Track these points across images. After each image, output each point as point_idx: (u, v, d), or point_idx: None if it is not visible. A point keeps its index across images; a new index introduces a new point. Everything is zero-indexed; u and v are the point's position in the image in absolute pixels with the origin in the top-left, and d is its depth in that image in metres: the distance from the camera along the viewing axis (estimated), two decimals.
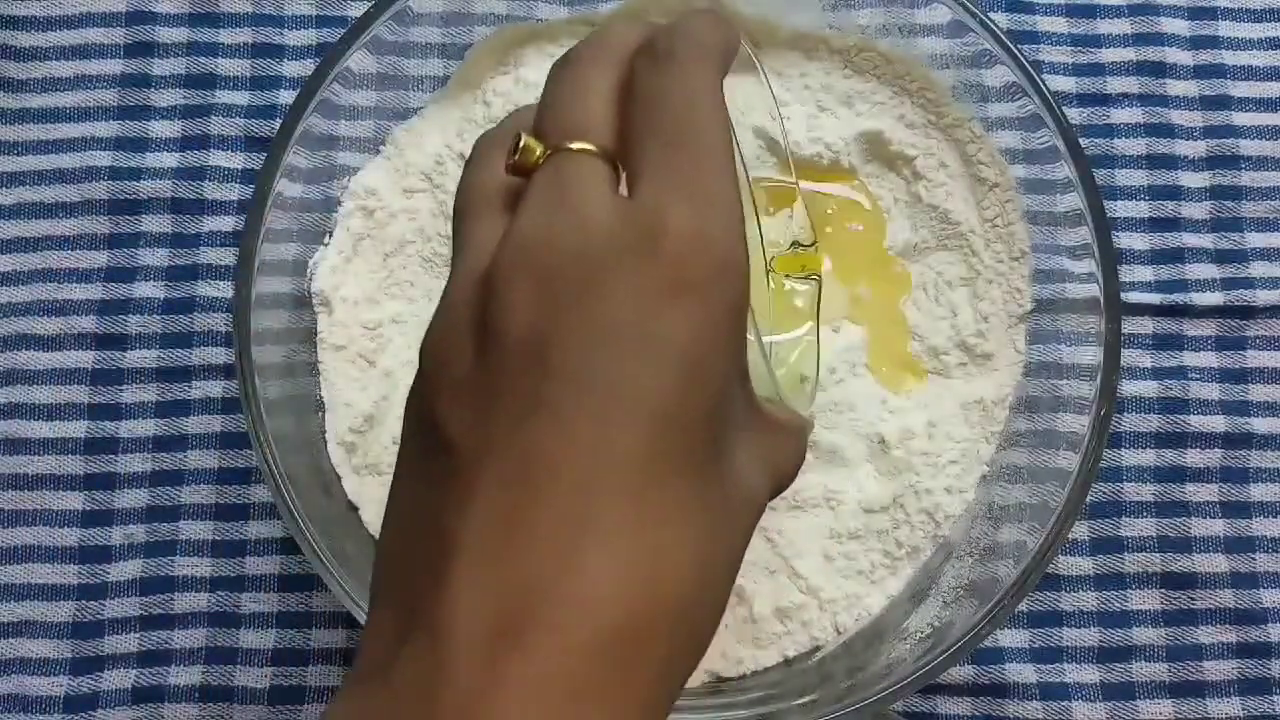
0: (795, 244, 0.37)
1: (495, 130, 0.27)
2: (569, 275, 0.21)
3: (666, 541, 0.21)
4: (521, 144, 0.24)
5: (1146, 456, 0.44)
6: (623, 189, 0.23)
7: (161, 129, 0.45)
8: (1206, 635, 0.43)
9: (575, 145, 0.23)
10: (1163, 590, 0.43)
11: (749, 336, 0.24)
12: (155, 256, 0.44)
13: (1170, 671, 0.42)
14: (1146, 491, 0.44)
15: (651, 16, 0.45)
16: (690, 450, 0.22)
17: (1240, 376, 0.45)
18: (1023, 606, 0.42)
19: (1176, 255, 0.46)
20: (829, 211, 0.44)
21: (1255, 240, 0.46)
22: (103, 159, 0.45)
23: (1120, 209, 0.46)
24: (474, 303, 0.22)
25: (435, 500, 0.22)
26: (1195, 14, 0.48)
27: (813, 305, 0.37)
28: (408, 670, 0.20)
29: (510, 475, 0.21)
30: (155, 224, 0.44)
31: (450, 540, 0.21)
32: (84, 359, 0.43)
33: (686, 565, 0.21)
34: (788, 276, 0.37)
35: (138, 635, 0.41)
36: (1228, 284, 0.45)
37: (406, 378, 0.40)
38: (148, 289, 0.44)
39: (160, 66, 0.46)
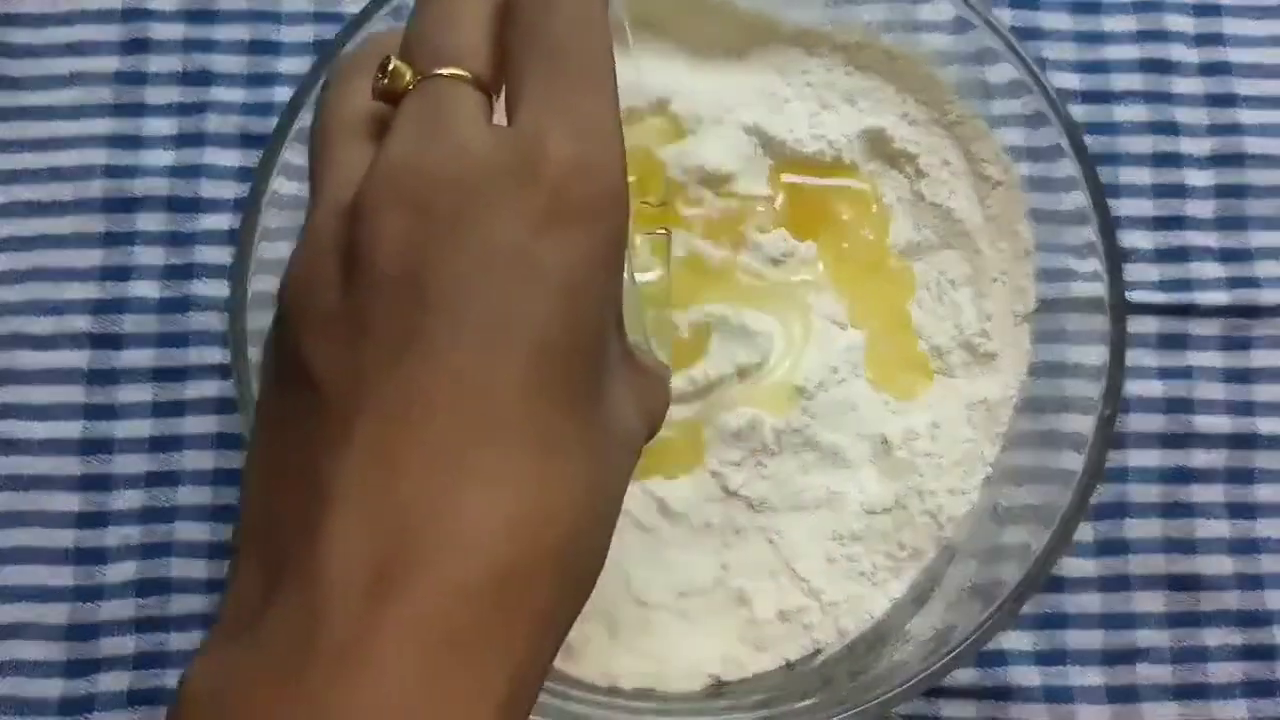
0: (643, 202, 0.36)
1: (357, 53, 0.25)
2: (443, 202, 0.21)
3: (550, 477, 0.20)
4: (391, 68, 0.22)
5: (1151, 457, 0.44)
6: (499, 119, 0.23)
7: (157, 126, 0.45)
8: (1212, 638, 0.42)
9: (448, 71, 0.22)
10: (1167, 592, 0.43)
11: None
12: (151, 255, 0.44)
13: (1175, 674, 0.42)
14: (1151, 493, 0.43)
15: (651, 13, 0.44)
16: (572, 383, 0.21)
17: (1245, 376, 0.45)
18: (1027, 609, 0.42)
19: (1182, 254, 0.46)
20: (843, 218, 0.43)
21: (1261, 239, 0.46)
22: (98, 157, 0.44)
23: (1125, 207, 0.46)
24: (339, 233, 0.22)
25: (304, 443, 0.21)
26: (1200, 11, 0.48)
27: (664, 258, 0.36)
28: (279, 620, 0.19)
29: (386, 412, 0.20)
30: (151, 222, 0.44)
31: (323, 483, 0.20)
32: (79, 359, 0.43)
33: (570, 502, 0.21)
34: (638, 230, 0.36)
35: (134, 637, 0.41)
36: (1233, 283, 0.45)
37: None
38: (143, 288, 0.44)
39: (156, 64, 0.45)
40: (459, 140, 0.21)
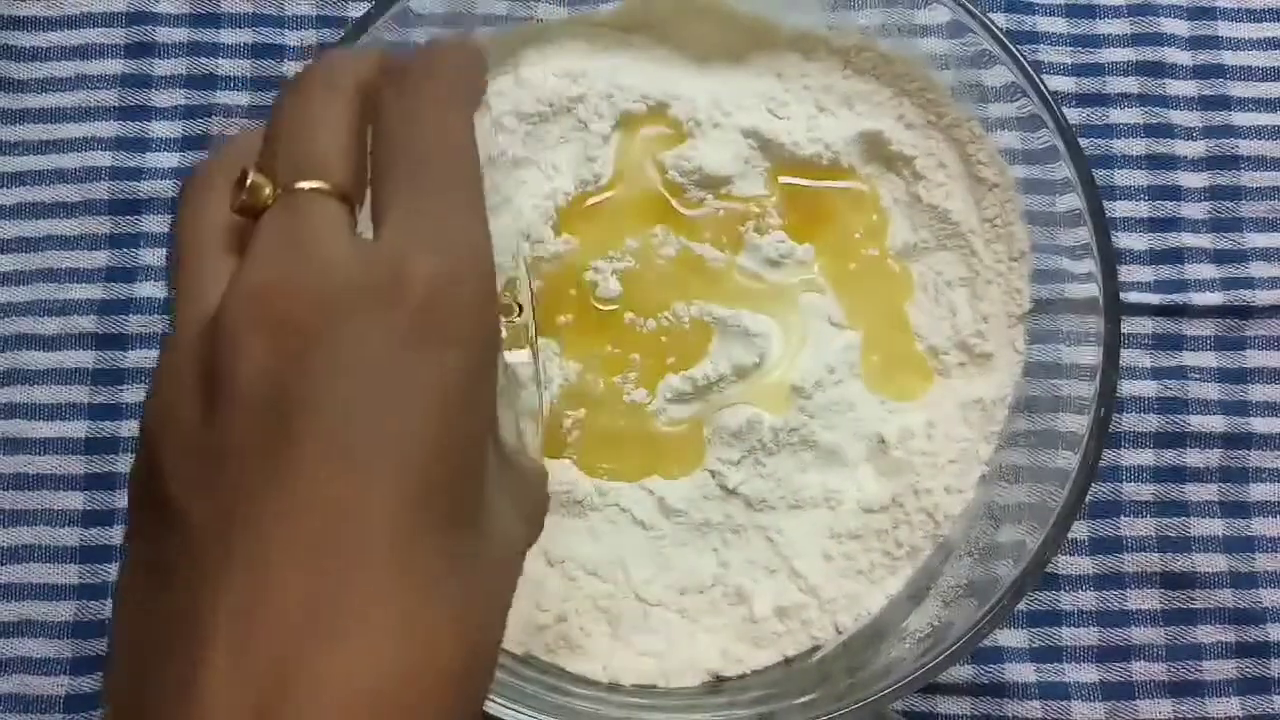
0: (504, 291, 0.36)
1: (213, 162, 0.24)
2: (306, 322, 0.20)
3: (430, 610, 0.20)
4: (249, 182, 0.22)
5: (1146, 456, 0.44)
6: (365, 231, 0.22)
7: (162, 129, 0.45)
8: (1206, 635, 0.43)
9: (308, 185, 0.21)
10: (1162, 590, 0.43)
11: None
12: (156, 256, 0.44)
13: (1169, 671, 0.43)
14: (1146, 491, 0.44)
15: (651, 17, 0.45)
16: (450, 506, 0.20)
17: (1239, 376, 0.45)
18: (1022, 606, 0.42)
19: (1176, 255, 0.46)
20: (841, 220, 0.44)
21: (1254, 240, 0.46)
22: (103, 159, 0.45)
23: (1119, 209, 0.46)
24: (199, 356, 0.20)
25: (172, 584, 0.20)
26: (1194, 14, 0.48)
27: (530, 340, 0.36)
28: None
29: (255, 552, 0.19)
30: (156, 224, 0.44)
31: (195, 631, 0.19)
32: (85, 359, 0.43)
33: (453, 633, 0.20)
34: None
35: None
36: (1227, 284, 0.46)
37: None
38: (149, 289, 0.44)
39: (161, 67, 0.46)
40: (321, 257, 0.20)
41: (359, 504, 0.19)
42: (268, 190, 0.22)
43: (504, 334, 0.29)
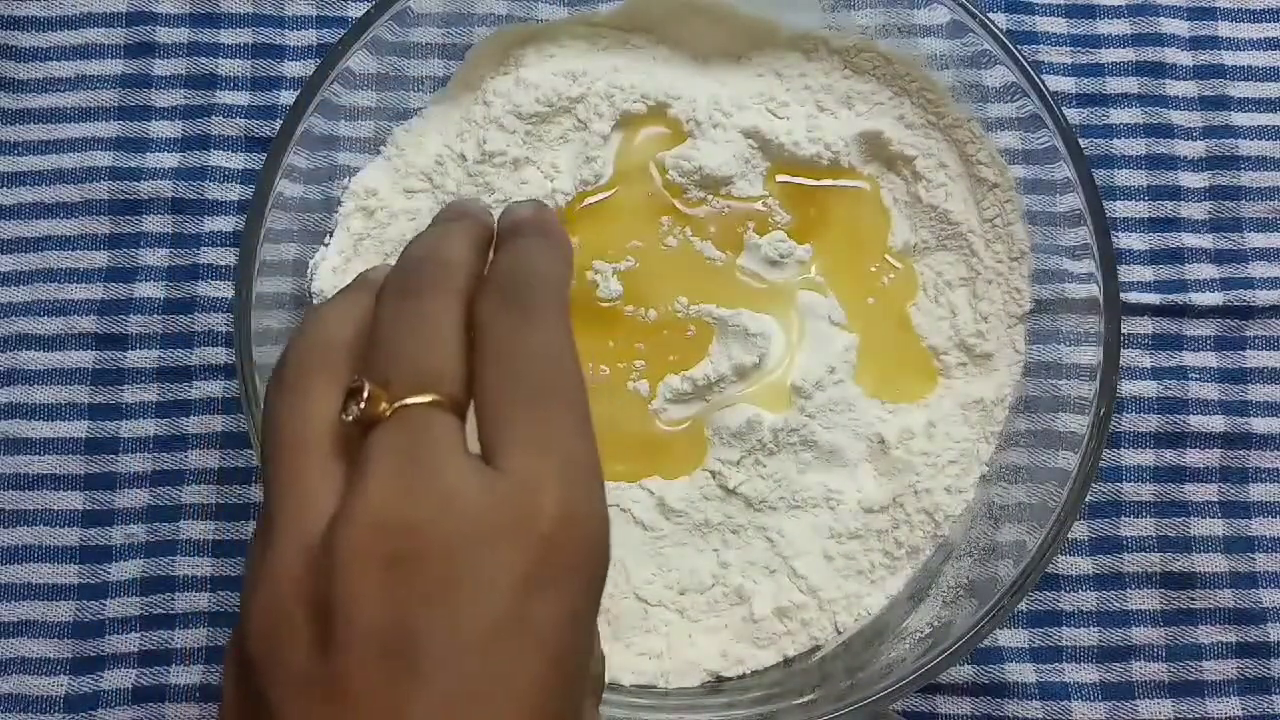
0: None
1: (311, 348, 0.23)
2: (431, 559, 0.19)
3: None
4: (366, 394, 0.21)
5: (1146, 456, 0.44)
6: (470, 437, 0.21)
7: (162, 129, 0.45)
8: (1206, 635, 0.43)
9: (425, 399, 0.21)
10: (1162, 590, 0.43)
11: None
12: (156, 257, 0.44)
13: (1170, 671, 0.43)
14: (1146, 491, 0.44)
15: (651, 17, 0.45)
16: None
17: (1239, 376, 0.45)
18: (1022, 606, 0.42)
19: (1176, 255, 0.46)
20: (841, 220, 0.44)
21: (1254, 240, 0.46)
22: (103, 159, 0.45)
23: (1120, 209, 0.46)
24: (308, 579, 0.20)
25: None
26: (1195, 14, 0.48)
27: None
28: None
29: None
30: (156, 224, 0.44)
31: None
32: (84, 359, 0.43)
33: None
34: None
35: (138, 635, 0.41)
36: (1227, 284, 0.46)
37: None
38: (148, 289, 0.44)
39: (161, 67, 0.46)
40: (443, 486, 0.20)
41: None
42: (384, 404, 0.21)
43: None
